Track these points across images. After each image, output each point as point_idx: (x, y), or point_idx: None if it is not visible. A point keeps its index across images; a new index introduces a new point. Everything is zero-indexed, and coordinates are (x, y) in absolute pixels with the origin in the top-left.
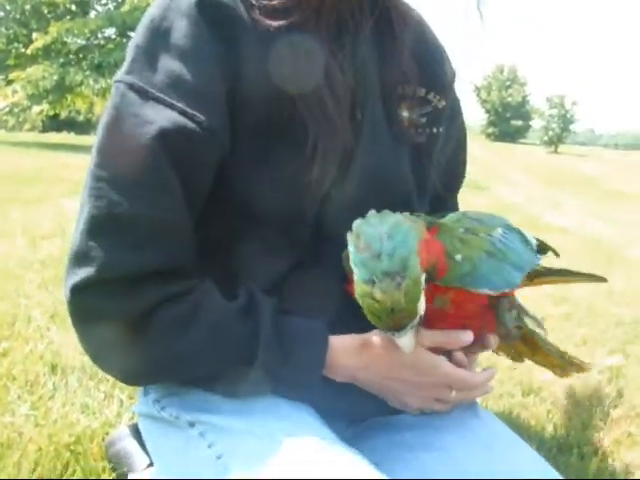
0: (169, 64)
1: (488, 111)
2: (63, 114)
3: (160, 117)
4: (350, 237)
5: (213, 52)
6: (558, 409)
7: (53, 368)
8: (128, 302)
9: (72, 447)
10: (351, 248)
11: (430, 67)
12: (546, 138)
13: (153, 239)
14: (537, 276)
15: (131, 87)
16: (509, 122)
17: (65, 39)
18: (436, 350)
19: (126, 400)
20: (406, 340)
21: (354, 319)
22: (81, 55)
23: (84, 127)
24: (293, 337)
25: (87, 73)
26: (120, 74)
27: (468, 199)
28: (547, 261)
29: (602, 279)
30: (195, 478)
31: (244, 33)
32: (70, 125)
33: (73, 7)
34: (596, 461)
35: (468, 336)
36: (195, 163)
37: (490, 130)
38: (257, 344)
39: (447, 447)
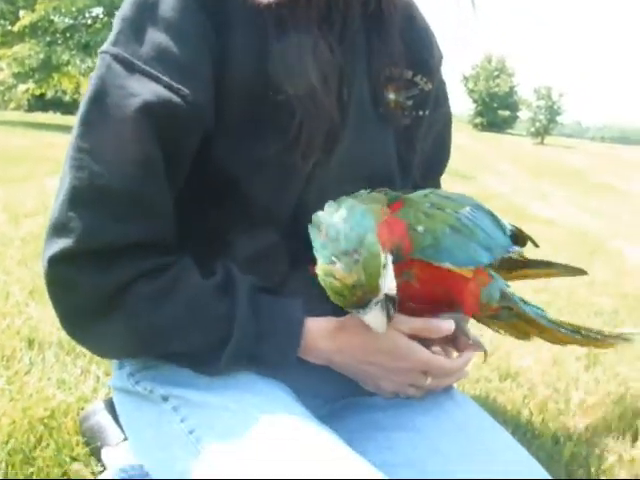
0: (156, 37)
1: (475, 101)
2: (49, 94)
3: (145, 90)
4: (311, 229)
5: (200, 26)
6: (534, 394)
7: (30, 343)
8: (105, 275)
9: (46, 421)
10: (312, 238)
11: (418, 50)
12: (533, 129)
13: (133, 212)
14: (517, 267)
15: (116, 58)
16: (496, 112)
17: (52, 17)
18: (414, 337)
19: (103, 376)
20: (373, 317)
21: (328, 301)
22: (68, 34)
23: (70, 107)
24: (269, 317)
25: (74, 52)
26: (106, 45)
27: (454, 188)
28: (528, 253)
29: (582, 272)
30: (167, 452)
31: (232, 9)
32: (56, 105)
33: None
34: (570, 446)
35: (449, 324)
36: (178, 137)
37: (477, 120)
38: (233, 322)
39: (420, 427)
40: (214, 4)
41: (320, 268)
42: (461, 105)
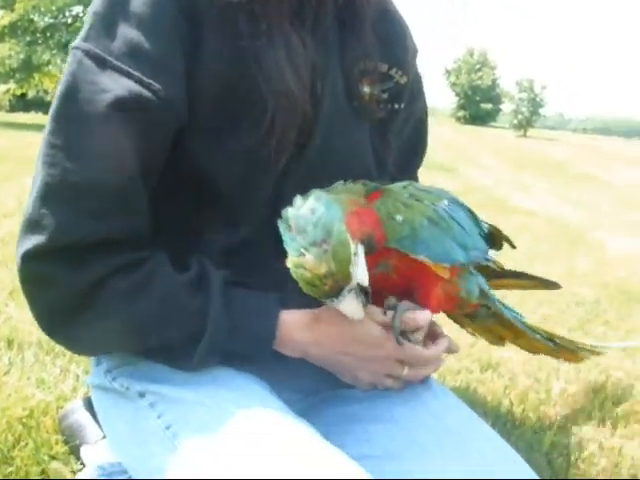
0: (127, 32)
1: (458, 94)
2: (31, 94)
3: (117, 85)
4: (280, 224)
5: (172, 21)
6: (515, 385)
7: (9, 343)
8: (79, 271)
9: (25, 420)
10: (282, 232)
11: (392, 43)
12: (515, 122)
13: (105, 208)
14: (494, 277)
15: (88, 54)
16: (479, 105)
17: (32, 17)
18: (389, 329)
19: (82, 375)
20: (347, 305)
21: (303, 294)
22: (48, 33)
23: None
24: (243, 311)
25: (54, 52)
26: (77, 41)
27: (437, 181)
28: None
29: (556, 285)
30: (144, 448)
31: (205, 4)
32: (38, 105)
33: None
34: (550, 435)
35: (425, 315)
36: (151, 132)
37: (460, 113)
38: (206, 318)
39: (397, 419)
40: (186, 1)
41: (290, 261)
42: (443, 99)
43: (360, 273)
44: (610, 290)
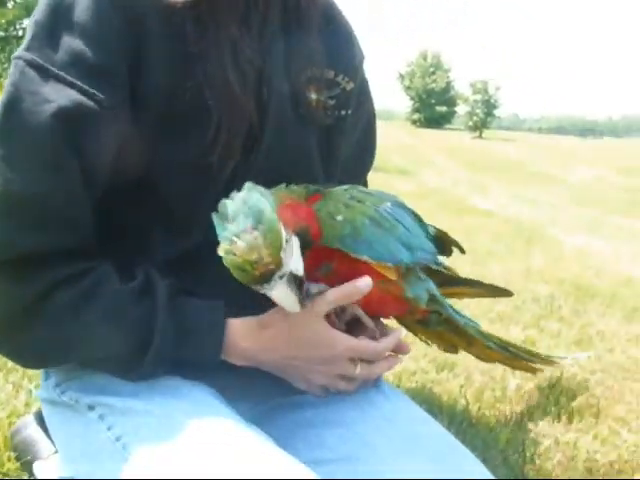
0: (70, 42)
1: (412, 98)
2: None
3: (59, 96)
4: (214, 217)
5: (115, 30)
6: (471, 383)
7: None
8: (23, 285)
9: None
10: (216, 225)
11: (339, 49)
12: (471, 123)
13: (48, 220)
14: (445, 284)
15: (30, 64)
16: (434, 108)
17: None
18: (331, 321)
19: (35, 390)
20: (279, 293)
21: (252, 302)
22: None
23: None
24: (190, 320)
25: (5, 65)
26: (20, 50)
27: (393, 184)
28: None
29: (508, 293)
30: (95, 462)
31: (148, 11)
32: None
33: None
34: (506, 432)
35: (366, 282)
36: (95, 143)
37: (415, 117)
38: (152, 328)
39: (349, 423)
40: (129, 7)
41: (222, 249)
42: (398, 102)
43: (294, 262)
44: (565, 286)
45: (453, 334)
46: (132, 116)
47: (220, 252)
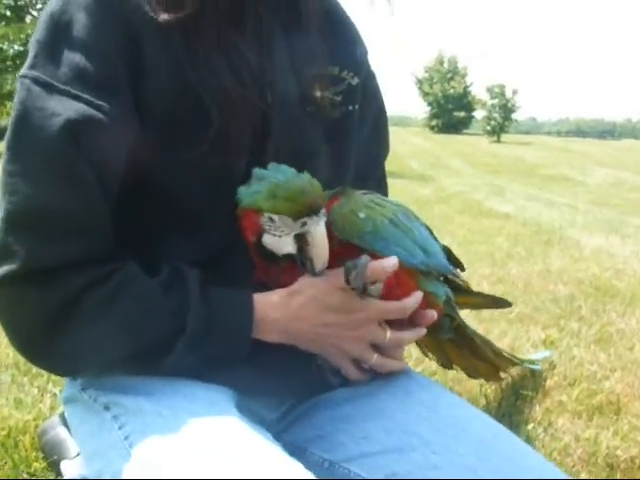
0: (72, 57)
1: (430, 104)
2: (3, 122)
3: (66, 108)
4: (242, 189)
5: (114, 43)
6: (490, 383)
7: None
8: (51, 291)
9: (3, 440)
10: (249, 186)
11: (341, 45)
12: (489, 128)
13: (69, 230)
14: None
15: (36, 81)
16: (452, 114)
17: (1, 45)
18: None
19: (60, 394)
20: (322, 228)
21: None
22: (18, 61)
23: None
24: (220, 302)
25: None
26: (24, 69)
27: (413, 190)
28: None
29: (507, 304)
30: (104, 460)
31: (143, 24)
32: None
33: (8, 13)
34: (526, 429)
35: (392, 261)
36: (105, 152)
37: (433, 122)
38: (186, 314)
39: (390, 414)
40: (124, 20)
41: (265, 191)
42: (416, 108)
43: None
44: (585, 287)
45: (456, 346)
46: (138, 124)
47: (262, 200)
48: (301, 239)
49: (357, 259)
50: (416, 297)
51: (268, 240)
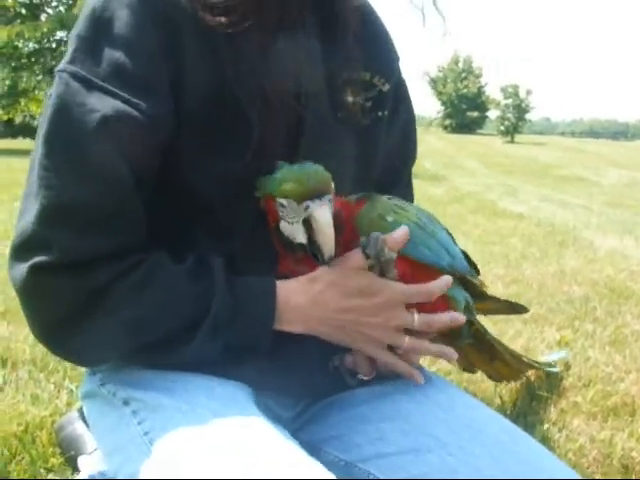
0: (112, 54)
1: (444, 103)
2: (18, 120)
3: (104, 105)
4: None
5: (155, 42)
6: (505, 383)
7: (3, 362)
8: (83, 280)
9: (20, 435)
10: (268, 186)
11: (374, 51)
12: (502, 128)
13: (103, 225)
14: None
15: (75, 76)
16: (465, 113)
17: (16, 43)
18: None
19: (76, 390)
20: (326, 211)
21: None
22: (33, 59)
23: None
24: (244, 287)
25: (40, 77)
26: (63, 64)
27: (426, 189)
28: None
29: (525, 309)
30: (123, 455)
31: (185, 24)
32: (25, 131)
33: (23, 11)
34: (541, 429)
35: (403, 231)
36: (140, 149)
37: (447, 122)
38: (212, 297)
39: (406, 415)
40: (167, 20)
41: (277, 178)
42: (430, 108)
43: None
44: (599, 288)
45: (476, 350)
46: (176, 125)
47: (276, 183)
48: (308, 226)
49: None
50: (444, 280)
51: (284, 227)
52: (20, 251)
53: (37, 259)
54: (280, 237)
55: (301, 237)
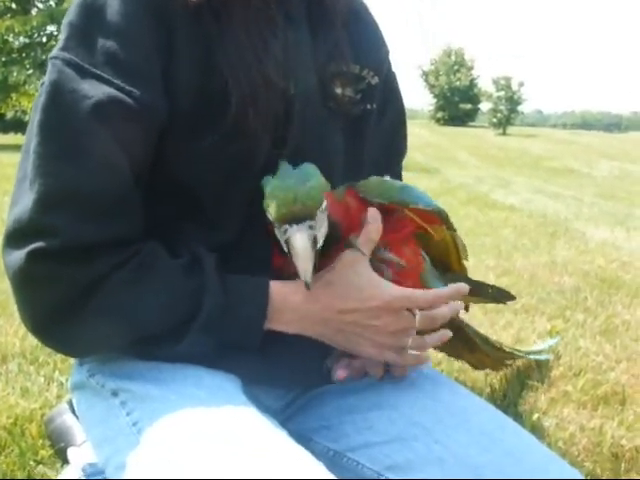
0: (104, 42)
1: (436, 96)
2: (9, 115)
3: (97, 92)
4: (265, 180)
5: (146, 30)
6: (496, 372)
7: None
8: (82, 268)
9: (9, 428)
10: (266, 184)
11: (364, 43)
12: (494, 120)
13: (106, 209)
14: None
15: (68, 63)
16: (457, 106)
17: (6, 37)
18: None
19: (66, 382)
20: (302, 237)
21: None
22: (24, 53)
23: None
24: (237, 287)
25: (30, 71)
26: (56, 50)
27: (418, 182)
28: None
29: (511, 297)
30: (113, 446)
31: (175, 11)
32: (17, 127)
33: (13, 5)
34: (531, 418)
35: (372, 210)
36: (134, 137)
37: (439, 115)
38: (203, 294)
39: (394, 405)
40: (158, 7)
41: (270, 188)
42: (421, 100)
43: (321, 231)
44: (590, 278)
45: (456, 342)
46: (167, 112)
47: (266, 198)
48: (288, 246)
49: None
50: (451, 288)
51: (276, 234)
52: (16, 238)
53: (35, 245)
54: (275, 239)
55: (285, 251)
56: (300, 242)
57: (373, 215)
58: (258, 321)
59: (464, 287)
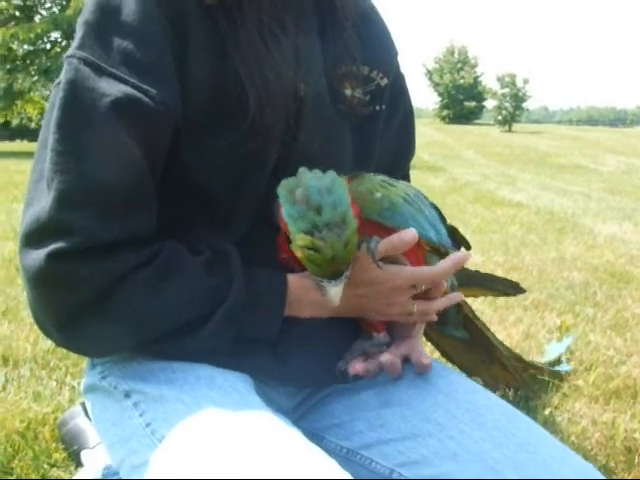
0: (119, 42)
1: (441, 94)
2: (15, 122)
3: (114, 90)
4: (282, 192)
5: (161, 29)
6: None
7: (5, 361)
8: (103, 268)
9: (23, 432)
10: (284, 202)
11: (373, 45)
12: (500, 117)
13: (124, 208)
14: (462, 284)
15: (84, 62)
16: (462, 104)
17: (11, 45)
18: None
19: (78, 386)
20: (338, 290)
21: None
22: (28, 60)
23: (36, 135)
24: (258, 281)
25: (35, 78)
26: (72, 49)
27: (425, 180)
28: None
29: (522, 290)
30: (127, 447)
31: (189, 11)
32: (22, 134)
33: (17, 12)
34: (543, 413)
35: (411, 234)
36: (150, 136)
37: (444, 113)
38: (230, 284)
39: (407, 401)
40: (172, 7)
41: (299, 238)
42: (426, 99)
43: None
44: (599, 273)
45: (470, 349)
46: (181, 110)
47: (296, 240)
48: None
49: (370, 238)
50: (454, 259)
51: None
52: (35, 238)
53: (55, 245)
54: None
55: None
56: (335, 295)
57: (406, 238)
58: (278, 309)
59: (466, 255)
